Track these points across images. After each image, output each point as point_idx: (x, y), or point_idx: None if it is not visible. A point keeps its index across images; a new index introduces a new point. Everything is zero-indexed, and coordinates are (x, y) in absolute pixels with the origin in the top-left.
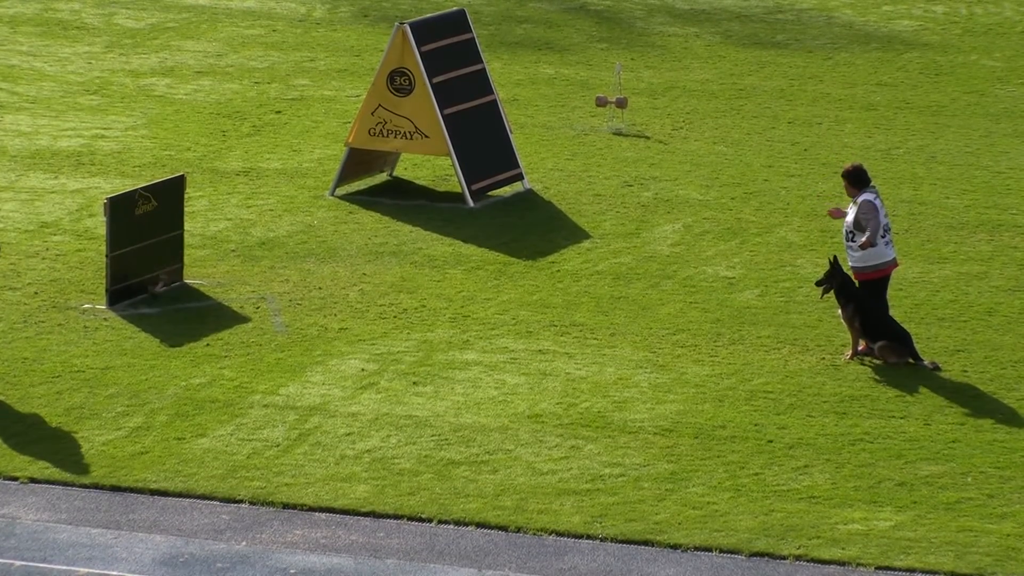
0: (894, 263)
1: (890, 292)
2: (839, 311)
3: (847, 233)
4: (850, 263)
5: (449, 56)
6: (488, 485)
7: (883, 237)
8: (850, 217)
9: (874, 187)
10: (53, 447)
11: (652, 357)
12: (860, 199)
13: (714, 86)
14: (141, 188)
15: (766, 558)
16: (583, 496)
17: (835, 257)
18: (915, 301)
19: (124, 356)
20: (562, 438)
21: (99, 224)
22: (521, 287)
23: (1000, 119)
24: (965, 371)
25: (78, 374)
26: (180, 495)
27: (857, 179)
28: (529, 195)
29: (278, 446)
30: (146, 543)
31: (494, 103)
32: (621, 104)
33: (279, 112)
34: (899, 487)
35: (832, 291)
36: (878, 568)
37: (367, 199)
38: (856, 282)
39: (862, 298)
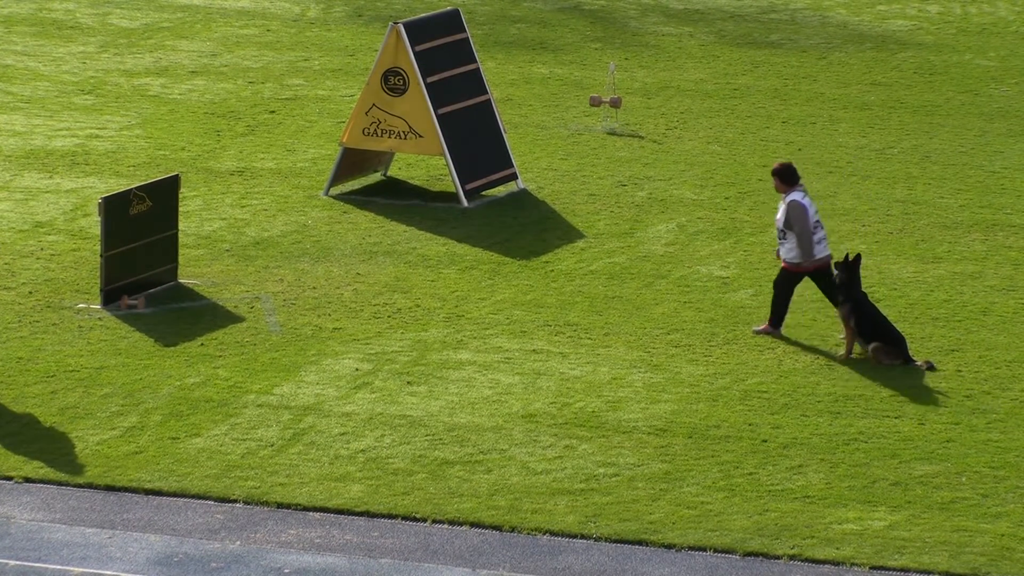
0: (828, 259)
1: (884, 291)
2: (838, 309)
3: (779, 231)
4: (782, 255)
5: (443, 56)
6: (482, 485)
7: (814, 234)
8: (780, 215)
9: (802, 185)
10: (48, 447)
11: (646, 357)
12: (788, 198)
13: (708, 86)
14: (135, 188)
15: (760, 558)
16: (577, 496)
17: (858, 255)
18: (909, 301)
19: (118, 356)
20: (556, 438)
21: (93, 224)
22: (515, 287)
23: (994, 119)
24: (959, 371)
25: (72, 374)
26: (174, 495)
27: (786, 176)
28: (523, 195)
29: (272, 446)
30: (140, 543)
31: (488, 103)
32: (615, 104)
33: (273, 112)
34: (893, 487)
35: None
36: (872, 568)
37: (361, 199)
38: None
39: (860, 299)
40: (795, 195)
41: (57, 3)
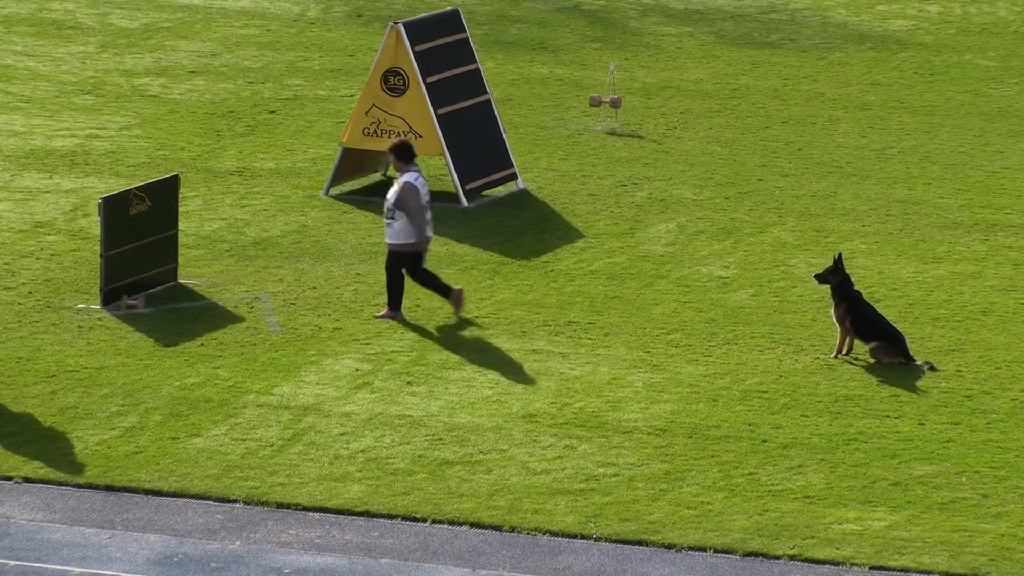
0: (428, 240)
1: (884, 291)
2: (831, 310)
3: (388, 210)
4: (386, 238)
5: (443, 56)
6: (482, 485)
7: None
8: (391, 195)
9: (417, 165)
10: (47, 447)
11: (646, 357)
12: (403, 180)
13: (708, 86)
14: (135, 188)
15: (760, 558)
16: (577, 496)
17: (840, 255)
18: (909, 301)
19: (118, 356)
20: (556, 438)
21: (93, 224)
22: (515, 287)
23: (994, 118)
24: (959, 371)
25: (72, 374)
26: (174, 495)
27: (403, 154)
28: (523, 195)
29: (272, 446)
30: (140, 543)
31: (488, 103)
32: (615, 104)
33: (273, 112)
34: (893, 487)
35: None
36: (872, 568)
37: (361, 199)
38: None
39: (856, 298)
40: (409, 176)
41: (57, 3)
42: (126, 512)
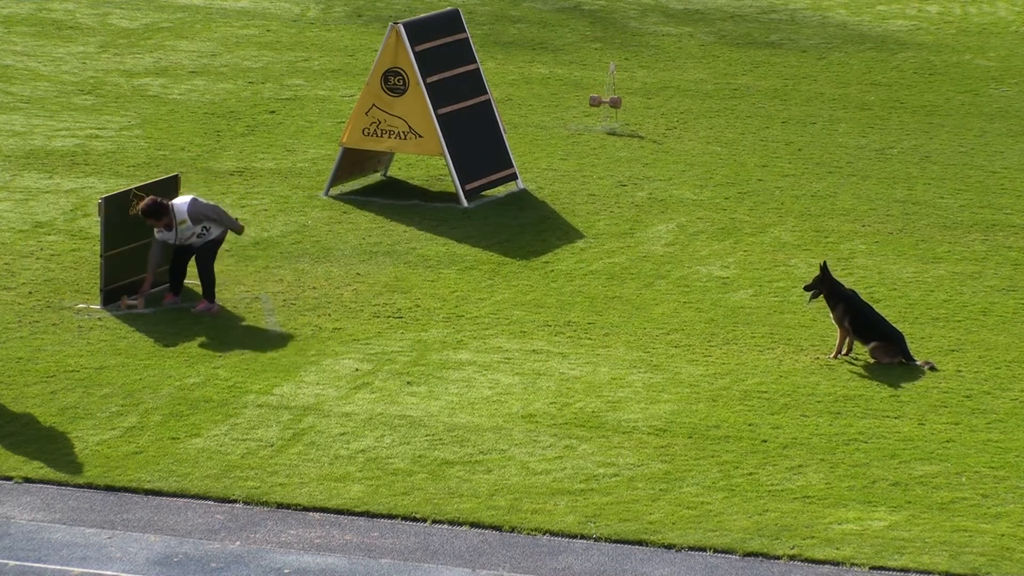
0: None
1: (884, 291)
2: (831, 312)
3: (197, 235)
4: (206, 238)
5: (443, 56)
6: (482, 485)
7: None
8: (186, 229)
9: (178, 199)
10: (47, 447)
11: (646, 357)
12: (184, 209)
13: (708, 86)
14: (135, 188)
15: (760, 558)
16: (577, 496)
17: (825, 263)
18: (909, 301)
19: (118, 356)
20: (556, 438)
21: (93, 224)
22: (515, 287)
23: (994, 119)
24: (959, 371)
25: (72, 374)
26: (174, 495)
27: (156, 212)
28: (523, 195)
29: (272, 446)
30: (140, 543)
31: (488, 103)
32: (615, 104)
33: (273, 112)
34: (893, 487)
35: (821, 295)
36: (872, 568)
37: (361, 199)
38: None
39: (852, 298)
40: (183, 204)
41: (57, 3)
42: (126, 512)
